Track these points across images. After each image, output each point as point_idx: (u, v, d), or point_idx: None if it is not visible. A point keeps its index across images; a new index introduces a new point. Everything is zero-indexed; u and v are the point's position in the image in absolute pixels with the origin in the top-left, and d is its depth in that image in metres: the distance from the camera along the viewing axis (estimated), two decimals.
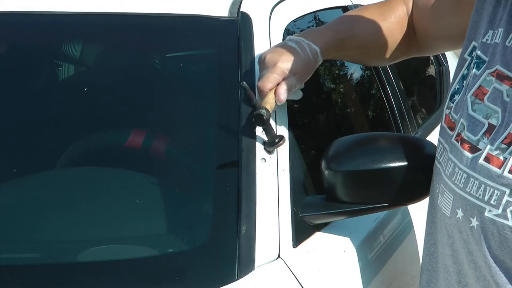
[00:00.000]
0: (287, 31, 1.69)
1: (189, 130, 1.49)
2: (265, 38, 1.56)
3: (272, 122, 1.33)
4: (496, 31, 1.18)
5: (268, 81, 1.33)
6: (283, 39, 1.62)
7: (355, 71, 2.19)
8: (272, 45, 1.55)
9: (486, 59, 1.18)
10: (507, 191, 1.08)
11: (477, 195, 1.12)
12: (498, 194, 1.09)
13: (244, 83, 1.33)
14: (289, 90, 1.33)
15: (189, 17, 1.63)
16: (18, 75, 1.69)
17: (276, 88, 1.33)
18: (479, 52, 1.20)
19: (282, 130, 1.39)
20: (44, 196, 1.43)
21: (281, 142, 1.33)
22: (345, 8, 2.17)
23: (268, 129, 1.32)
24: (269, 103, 1.31)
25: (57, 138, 1.53)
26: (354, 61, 1.76)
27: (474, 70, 1.20)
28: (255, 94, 1.33)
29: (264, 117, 1.28)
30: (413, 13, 1.51)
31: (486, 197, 1.11)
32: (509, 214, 1.08)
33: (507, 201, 1.08)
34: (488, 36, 1.20)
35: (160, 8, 1.66)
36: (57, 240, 1.33)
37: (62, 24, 1.70)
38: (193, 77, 1.60)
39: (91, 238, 1.32)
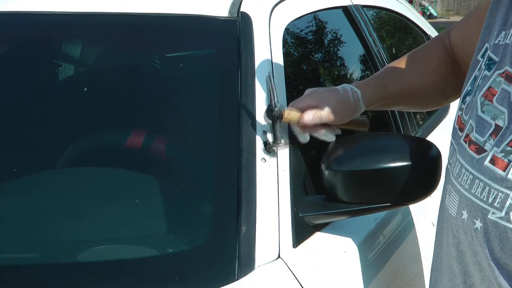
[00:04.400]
0: (287, 31, 1.69)
1: (189, 130, 1.49)
2: (265, 38, 1.56)
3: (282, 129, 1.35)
4: (508, 32, 1.18)
5: (300, 102, 1.37)
6: (283, 39, 1.63)
7: (354, 71, 2.19)
8: (272, 45, 1.55)
9: (497, 59, 1.18)
10: (511, 194, 1.08)
11: (482, 197, 1.12)
12: (502, 197, 1.09)
13: (270, 74, 1.37)
14: (316, 116, 1.35)
15: (189, 17, 1.63)
16: (18, 75, 1.69)
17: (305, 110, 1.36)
18: (490, 53, 1.20)
19: (282, 129, 1.39)
20: (44, 196, 1.43)
21: (281, 142, 1.34)
22: (345, 8, 2.17)
23: (274, 128, 1.33)
24: (291, 115, 1.34)
25: (57, 138, 1.53)
26: (405, 107, 1.77)
27: (485, 71, 1.20)
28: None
29: (274, 113, 1.31)
30: (452, 48, 1.51)
31: (490, 199, 1.11)
32: None
33: (510, 204, 1.08)
34: (501, 37, 1.20)
35: (160, 8, 1.66)
36: (57, 240, 1.33)
37: (62, 24, 1.70)
38: (193, 77, 1.60)
39: (91, 238, 1.32)
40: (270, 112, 1.32)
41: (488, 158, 1.12)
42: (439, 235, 1.28)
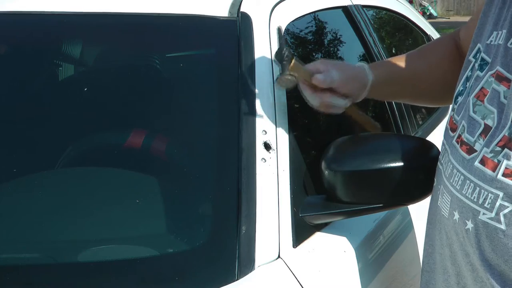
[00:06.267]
0: (287, 31, 1.69)
1: (189, 130, 1.49)
2: (265, 38, 1.56)
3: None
4: (500, 32, 1.18)
5: (310, 65, 1.37)
6: (283, 39, 1.62)
7: None
8: (272, 45, 1.55)
9: (489, 60, 1.18)
10: (501, 195, 1.08)
11: (472, 198, 1.13)
12: (492, 198, 1.09)
13: (280, 25, 1.37)
14: (328, 77, 1.33)
15: (189, 17, 1.63)
16: (18, 75, 1.69)
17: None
18: (483, 54, 1.20)
19: (282, 130, 1.39)
20: (43, 196, 1.43)
21: (288, 75, 1.32)
22: (345, 8, 2.17)
23: (283, 65, 1.32)
24: (299, 68, 1.33)
25: (57, 138, 1.53)
26: (412, 98, 1.71)
27: (478, 72, 1.20)
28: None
29: (283, 52, 1.31)
30: (461, 47, 1.51)
31: (481, 200, 1.11)
32: (502, 218, 1.09)
33: (500, 204, 1.09)
34: (492, 38, 1.20)
35: (160, 8, 1.66)
36: (57, 240, 1.33)
37: (62, 24, 1.70)
38: (193, 77, 1.60)
39: (91, 238, 1.32)
40: (279, 52, 1.32)
41: (478, 159, 1.12)
42: (431, 235, 1.28)
